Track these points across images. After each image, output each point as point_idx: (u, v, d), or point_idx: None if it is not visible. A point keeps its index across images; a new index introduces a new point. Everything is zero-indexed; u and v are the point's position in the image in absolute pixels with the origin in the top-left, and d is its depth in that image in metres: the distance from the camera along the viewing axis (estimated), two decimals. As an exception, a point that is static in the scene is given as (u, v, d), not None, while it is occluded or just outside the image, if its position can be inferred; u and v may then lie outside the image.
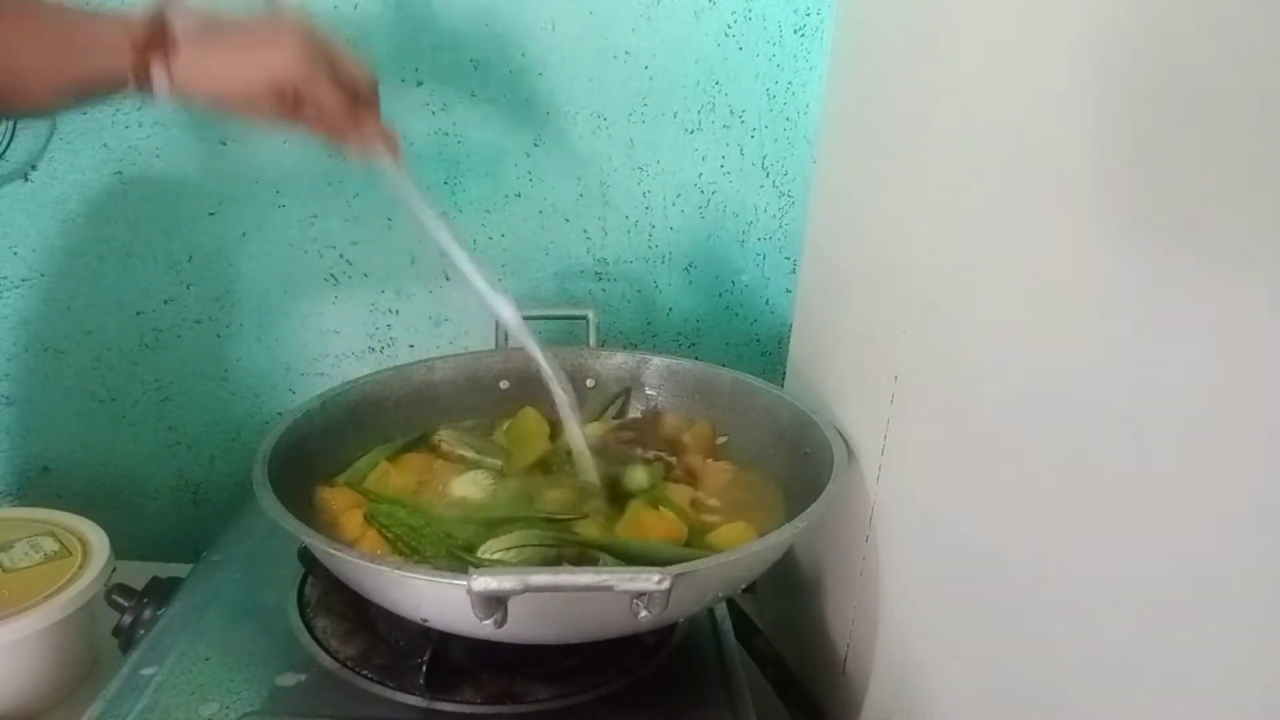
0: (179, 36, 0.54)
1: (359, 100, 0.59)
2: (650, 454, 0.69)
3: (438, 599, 0.49)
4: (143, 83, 0.54)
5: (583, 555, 0.58)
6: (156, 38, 0.54)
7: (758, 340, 0.92)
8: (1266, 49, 0.28)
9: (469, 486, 0.65)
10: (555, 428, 0.75)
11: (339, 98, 0.58)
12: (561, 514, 0.62)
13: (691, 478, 0.69)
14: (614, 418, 0.78)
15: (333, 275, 0.88)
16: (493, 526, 0.60)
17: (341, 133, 0.59)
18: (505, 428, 0.76)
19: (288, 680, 0.56)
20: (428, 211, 0.63)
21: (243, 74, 0.56)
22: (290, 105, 0.56)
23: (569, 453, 0.68)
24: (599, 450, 0.68)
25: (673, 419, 0.75)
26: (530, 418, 0.75)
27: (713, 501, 0.66)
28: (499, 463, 0.70)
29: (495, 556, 0.56)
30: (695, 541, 0.61)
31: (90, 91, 0.58)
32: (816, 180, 0.82)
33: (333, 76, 0.57)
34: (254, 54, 0.56)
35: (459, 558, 0.57)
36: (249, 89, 0.56)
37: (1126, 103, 0.35)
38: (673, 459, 0.69)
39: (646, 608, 0.46)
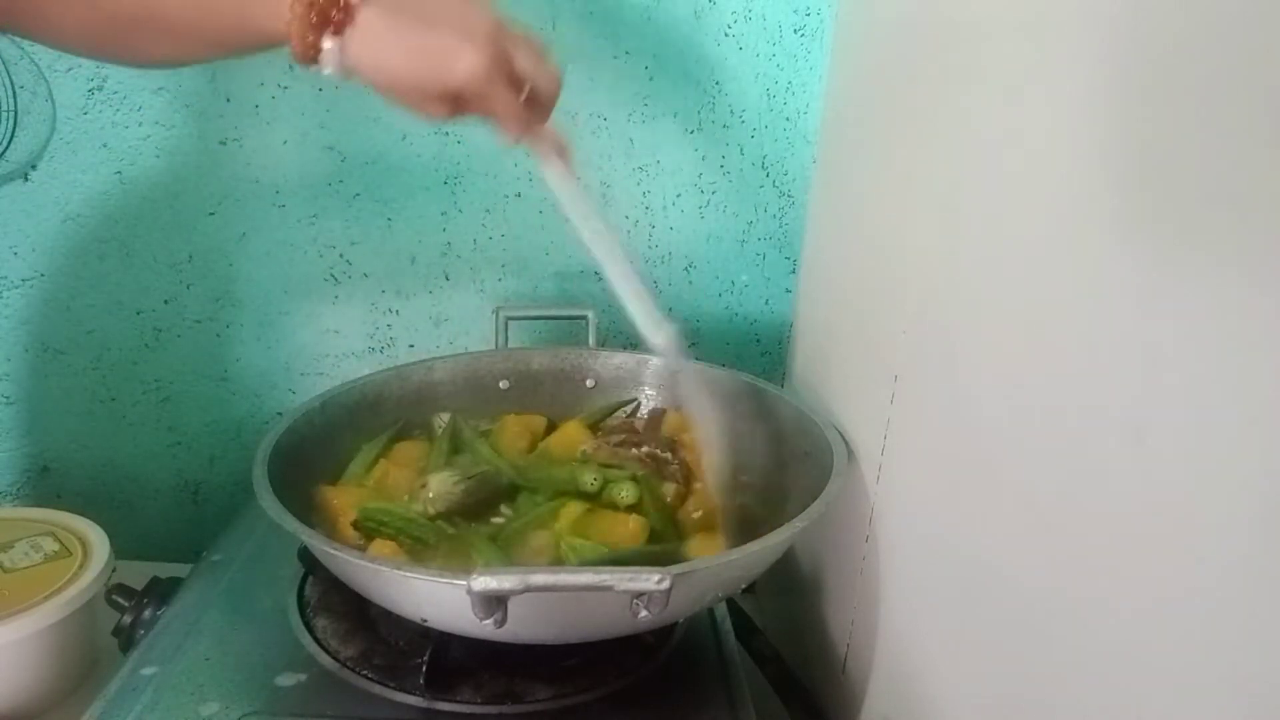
0: (357, 2, 0.47)
1: (535, 102, 0.54)
2: (643, 451, 0.69)
3: (438, 599, 0.49)
4: (308, 52, 0.48)
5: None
6: (331, 1, 0.47)
7: (758, 340, 0.92)
8: (1266, 49, 0.28)
9: (444, 484, 0.64)
10: (535, 438, 0.75)
11: (513, 104, 0.52)
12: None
13: (688, 472, 0.69)
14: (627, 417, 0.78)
15: (333, 275, 0.88)
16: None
17: (510, 133, 0.54)
18: (490, 431, 0.75)
19: (288, 680, 0.56)
20: (593, 222, 0.58)
21: (420, 71, 0.49)
22: (459, 105, 0.51)
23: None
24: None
25: (674, 417, 0.75)
26: (510, 426, 0.74)
27: (697, 514, 0.65)
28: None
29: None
30: (668, 539, 0.62)
31: (236, 49, 0.51)
32: (816, 180, 0.82)
33: (512, 80, 0.52)
34: (433, 53, 0.49)
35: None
36: (422, 86, 0.50)
37: (1127, 103, 0.35)
38: (666, 454, 0.69)
39: (646, 608, 0.46)
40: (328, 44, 0.48)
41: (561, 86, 0.56)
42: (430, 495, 0.62)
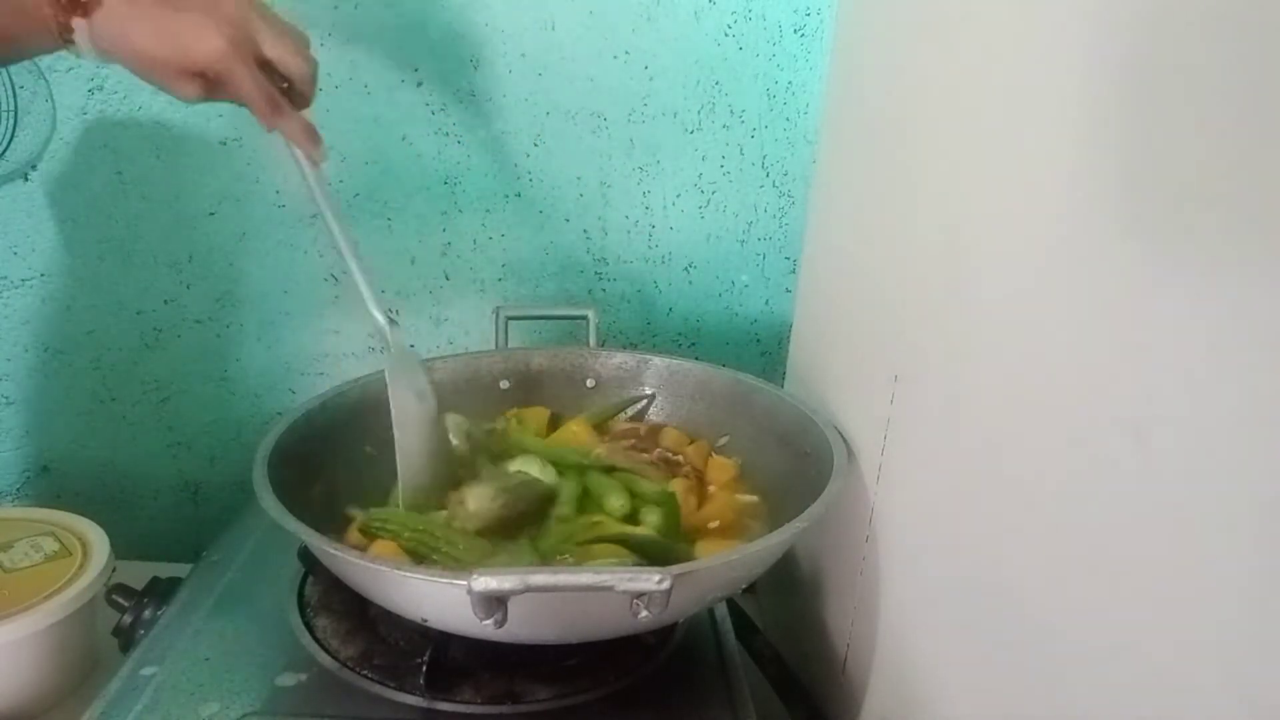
0: None
1: (289, 88, 0.59)
2: (655, 453, 0.69)
3: (438, 599, 0.49)
4: (65, 37, 0.52)
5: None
6: None
7: (758, 340, 0.92)
8: (1266, 49, 0.28)
9: (482, 499, 0.62)
10: (539, 432, 0.74)
11: (260, 87, 0.56)
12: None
13: (699, 474, 0.69)
14: (630, 420, 0.77)
15: (333, 275, 0.88)
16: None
17: (259, 116, 0.58)
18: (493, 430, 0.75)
19: (288, 680, 0.56)
20: (329, 213, 0.64)
21: (164, 50, 0.53)
22: (209, 86, 0.55)
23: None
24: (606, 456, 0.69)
25: (672, 432, 0.75)
26: (512, 426, 0.74)
27: (714, 524, 0.65)
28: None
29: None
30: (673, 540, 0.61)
31: (20, 46, 0.55)
32: (816, 180, 0.82)
33: (260, 62, 0.56)
34: (176, 32, 0.53)
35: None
36: (166, 66, 0.54)
37: (1126, 102, 0.35)
38: (678, 456, 0.69)
39: (646, 608, 0.46)
40: (78, 24, 0.52)
41: (316, 77, 0.61)
42: (470, 510, 0.60)
